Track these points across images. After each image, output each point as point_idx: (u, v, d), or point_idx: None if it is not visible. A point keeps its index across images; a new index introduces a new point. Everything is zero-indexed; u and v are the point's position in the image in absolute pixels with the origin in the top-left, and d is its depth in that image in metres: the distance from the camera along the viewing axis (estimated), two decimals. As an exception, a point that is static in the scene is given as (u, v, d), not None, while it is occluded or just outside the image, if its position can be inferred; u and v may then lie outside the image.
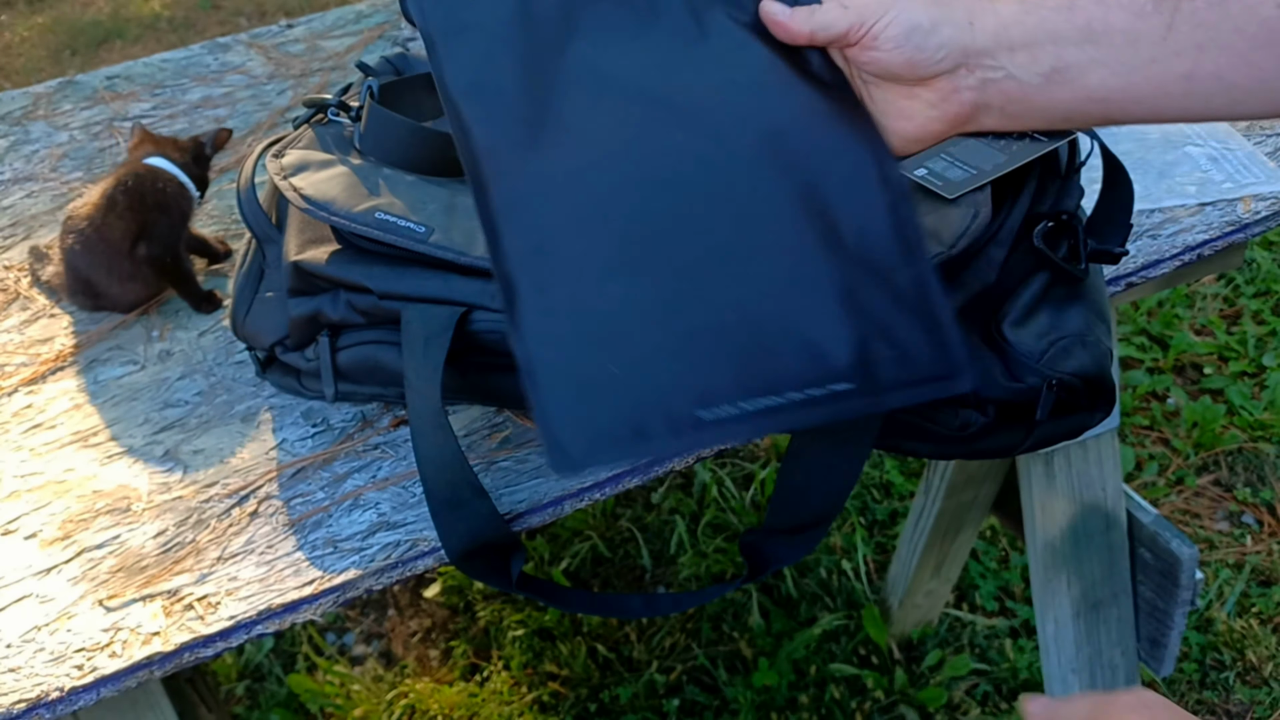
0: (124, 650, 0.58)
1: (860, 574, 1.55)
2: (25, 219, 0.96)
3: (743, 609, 1.52)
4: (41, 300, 0.85)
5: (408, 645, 1.53)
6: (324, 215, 0.65)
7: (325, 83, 1.14)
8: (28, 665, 0.57)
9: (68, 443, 0.72)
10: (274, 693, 1.46)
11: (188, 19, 3.65)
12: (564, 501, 0.65)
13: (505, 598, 1.56)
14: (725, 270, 0.53)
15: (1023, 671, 1.43)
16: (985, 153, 0.63)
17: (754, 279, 0.53)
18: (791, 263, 0.54)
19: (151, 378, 0.76)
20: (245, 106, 1.11)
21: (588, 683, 1.44)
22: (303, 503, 0.66)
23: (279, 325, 0.70)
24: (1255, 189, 0.86)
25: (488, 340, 0.64)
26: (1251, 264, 2.06)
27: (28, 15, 3.79)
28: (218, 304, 0.83)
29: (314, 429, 0.71)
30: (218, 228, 0.92)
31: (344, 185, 0.69)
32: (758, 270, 0.53)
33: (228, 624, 0.59)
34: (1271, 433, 1.72)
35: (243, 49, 1.23)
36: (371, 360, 0.67)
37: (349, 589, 0.61)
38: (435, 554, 0.62)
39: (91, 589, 0.61)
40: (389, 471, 0.67)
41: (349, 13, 1.30)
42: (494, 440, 0.69)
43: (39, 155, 1.06)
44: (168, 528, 0.65)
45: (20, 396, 0.76)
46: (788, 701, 1.40)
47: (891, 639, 1.47)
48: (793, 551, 0.66)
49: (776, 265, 0.54)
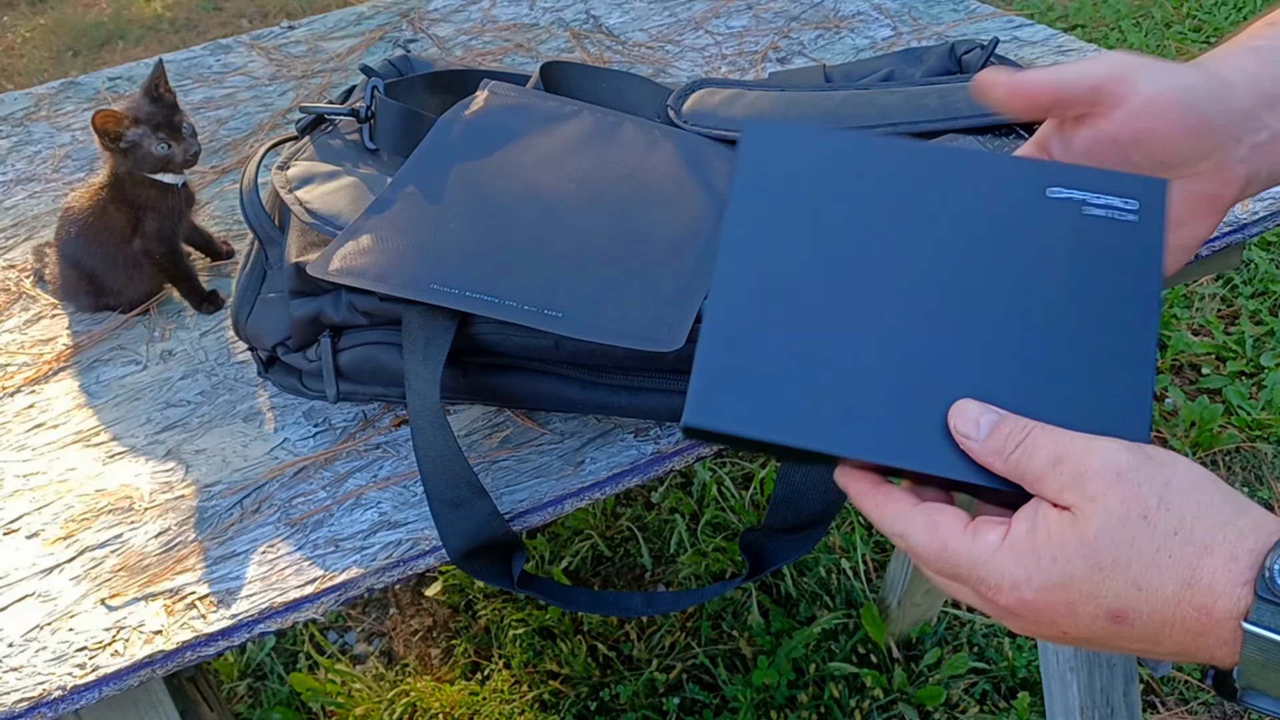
0: (126, 649, 0.58)
1: (859, 573, 1.55)
2: (28, 219, 0.96)
3: (742, 608, 1.52)
4: (44, 300, 0.86)
5: (409, 644, 1.54)
6: (330, 230, 0.66)
7: (327, 84, 1.14)
8: (30, 664, 0.58)
9: (70, 442, 0.72)
10: (276, 691, 1.47)
11: (189, 20, 3.65)
12: (564, 500, 0.65)
13: (506, 596, 1.56)
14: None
15: (1021, 670, 1.43)
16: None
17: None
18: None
19: (153, 377, 0.77)
20: (247, 107, 1.11)
21: (588, 681, 1.45)
22: (304, 502, 0.66)
23: (281, 326, 0.70)
24: (1252, 189, 0.86)
25: (488, 341, 0.65)
26: (1249, 264, 2.06)
27: (30, 17, 3.79)
28: (220, 304, 0.83)
29: (315, 429, 0.71)
30: (220, 228, 0.92)
31: (351, 197, 0.69)
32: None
33: (229, 623, 0.59)
34: (1269, 432, 1.73)
35: (244, 50, 1.24)
36: (373, 361, 0.68)
37: (350, 588, 0.61)
38: (436, 553, 0.63)
39: (94, 588, 0.62)
40: (390, 471, 0.68)
41: (350, 14, 1.30)
42: (494, 440, 0.70)
43: (41, 156, 1.06)
44: (170, 527, 0.65)
45: (23, 396, 0.76)
46: (787, 700, 1.41)
47: (890, 637, 1.47)
48: (792, 550, 0.66)
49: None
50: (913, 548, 0.44)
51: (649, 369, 0.65)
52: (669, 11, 1.25)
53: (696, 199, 0.70)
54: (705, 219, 0.68)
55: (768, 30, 1.18)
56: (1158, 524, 0.39)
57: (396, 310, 0.65)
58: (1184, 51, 2.87)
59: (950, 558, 0.43)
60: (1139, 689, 1.00)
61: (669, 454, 0.67)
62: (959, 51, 0.82)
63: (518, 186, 0.69)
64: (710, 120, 0.78)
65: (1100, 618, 0.40)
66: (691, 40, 1.17)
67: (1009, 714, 1.39)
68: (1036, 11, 3.12)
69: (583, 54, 1.17)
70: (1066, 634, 0.41)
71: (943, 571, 0.44)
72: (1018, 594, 0.41)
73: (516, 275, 0.63)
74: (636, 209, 0.68)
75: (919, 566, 0.48)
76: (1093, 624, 0.40)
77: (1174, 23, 3.02)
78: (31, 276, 0.88)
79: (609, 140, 0.74)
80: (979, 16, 1.18)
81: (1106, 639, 0.41)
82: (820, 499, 0.64)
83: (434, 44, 1.22)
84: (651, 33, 1.20)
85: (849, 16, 1.20)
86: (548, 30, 1.23)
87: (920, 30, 1.15)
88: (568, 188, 0.69)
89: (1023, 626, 0.42)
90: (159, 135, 0.78)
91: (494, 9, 1.29)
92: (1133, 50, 2.85)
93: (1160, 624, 0.39)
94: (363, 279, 0.62)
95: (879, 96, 0.76)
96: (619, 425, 0.69)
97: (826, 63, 0.93)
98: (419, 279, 0.62)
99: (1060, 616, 0.41)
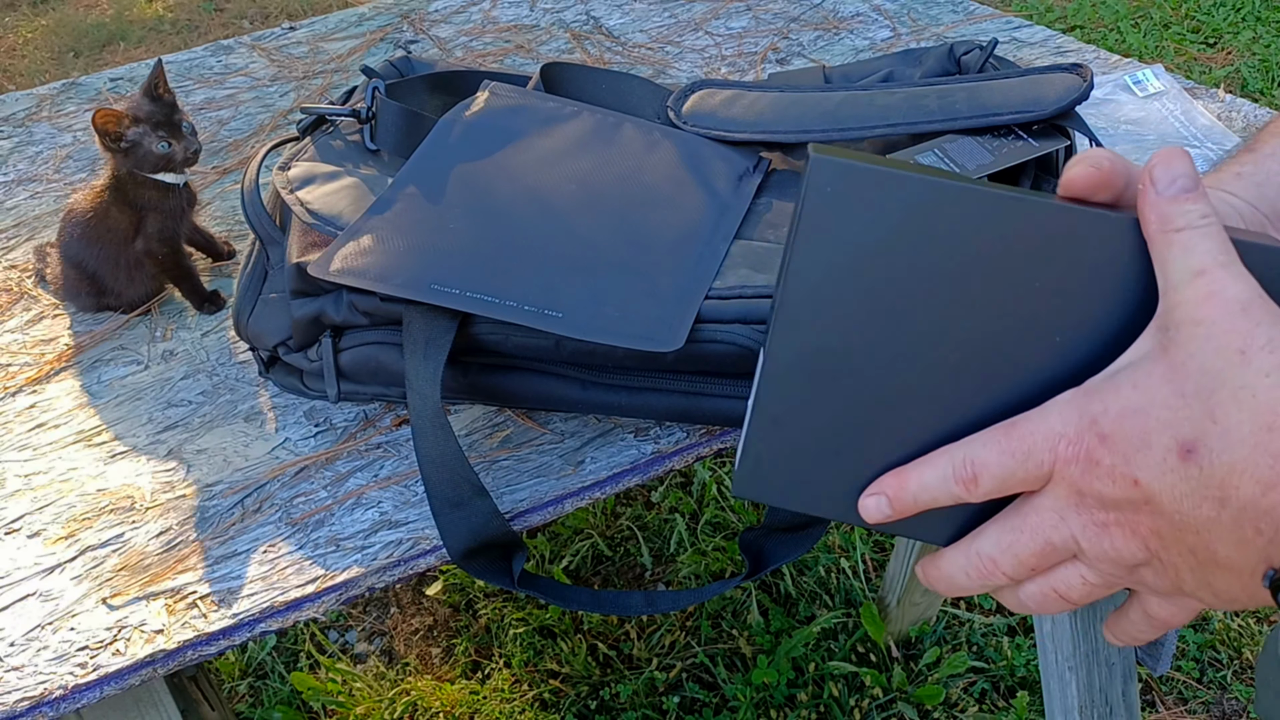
0: (127, 648, 0.58)
1: (859, 572, 1.55)
2: (29, 219, 0.96)
3: (742, 607, 1.52)
4: (45, 300, 0.86)
5: (409, 643, 1.54)
6: (331, 230, 0.66)
7: (328, 85, 1.15)
8: (31, 663, 0.58)
9: (71, 442, 0.72)
10: (276, 690, 1.47)
11: (190, 21, 3.65)
12: (564, 500, 0.66)
13: (506, 596, 1.56)
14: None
15: (1020, 669, 1.43)
16: (975, 151, 0.64)
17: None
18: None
19: (155, 377, 0.77)
20: (248, 108, 1.12)
21: (588, 680, 1.45)
22: (305, 502, 0.66)
23: (282, 326, 0.70)
24: (1251, 190, 0.86)
25: (489, 341, 0.65)
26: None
27: (31, 17, 3.79)
28: (221, 304, 0.83)
29: (316, 428, 0.71)
30: (221, 228, 0.92)
31: (352, 198, 0.70)
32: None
33: (230, 622, 0.59)
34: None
35: (245, 51, 1.24)
36: (374, 361, 0.68)
37: (351, 587, 0.61)
38: (437, 552, 0.63)
39: (95, 587, 0.62)
40: (391, 470, 0.68)
41: (351, 15, 1.30)
42: (495, 439, 0.70)
43: (43, 156, 1.06)
44: (171, 526, 0.65)
45: (24, 396, 0.76)
46: (786, 699, 1.41)
47: (889, 637, 1.47)
48: (792, 549, 0.66)
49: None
50: (984, 460, 0.42)
51: (649, 369, 0.65)
52: (669, 13, 1.25)
53: (696, 199, 0.70)
54: (705, 219, 0.69)
55: (767, 31, 1.18)
56: (1253, 362, 0.36)
57: (397, 310, 0.65)
58: (1182, 52, 2.88)
59: (1021, 427, 0.41)
60: (1138, 688, 1.00)
61: (669, 454, 0.68)
62: (958, 53, 0.82)
63: (518, 187, 0.69)
64: (710, 121, 0.78)
65: (1172, 451, 0.38)
66: (691, 41, 1.18)
67: (1008, 713, 1.39)
68: (1035, 13, 3.12)
69: (583, 55, 1.17)
70: (1138, 482, 0.39)
71: (1018, 455, 0.41)
72: (1096, 429, 0.39)
73: (517, 275, 0.63)
74: (636, 209, 0.69)
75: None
76: (1164, 460, 0.38)
77: (1172, 23, 3.02)
78: (33, 277, 0.88)
79: (609, 141, 0.74)
80: (978, 18, 1.18)
81: (1174, 492, 0.38)
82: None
83: (435, 45, 1.22)
84: (651, 34, 1.20)
85: (848, 18, 1.20)
86: (548, 31, 1.23)
87: (919, 31, 1.16)
88: (568, 188, 0.70)
89: (1093, 484, 0.40)
90: (159, 134, 0.79)
91: (494, 10, 1.29)
92: (1131, 51, 2.85)
93: (1230, 467, 0.36)
94: (363, 279, 0.62)
95: (878, 97, 0.76)
96: (619, 425, 0.70)
97: (826, 64, 0.93)
98: (419, 279, 0.62)
99: (1135, 451, 0.38)
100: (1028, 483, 0.42)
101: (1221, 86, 2.59)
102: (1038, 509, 0.42)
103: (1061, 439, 0.40)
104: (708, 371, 0.64)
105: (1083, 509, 0.41)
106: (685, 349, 0.61)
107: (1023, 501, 0.43)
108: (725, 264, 0.65)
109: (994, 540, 0.44)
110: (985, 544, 0.44)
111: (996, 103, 0.70)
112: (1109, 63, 1.08)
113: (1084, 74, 0.70)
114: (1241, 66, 2.78)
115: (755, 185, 0.73)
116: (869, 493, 0.45)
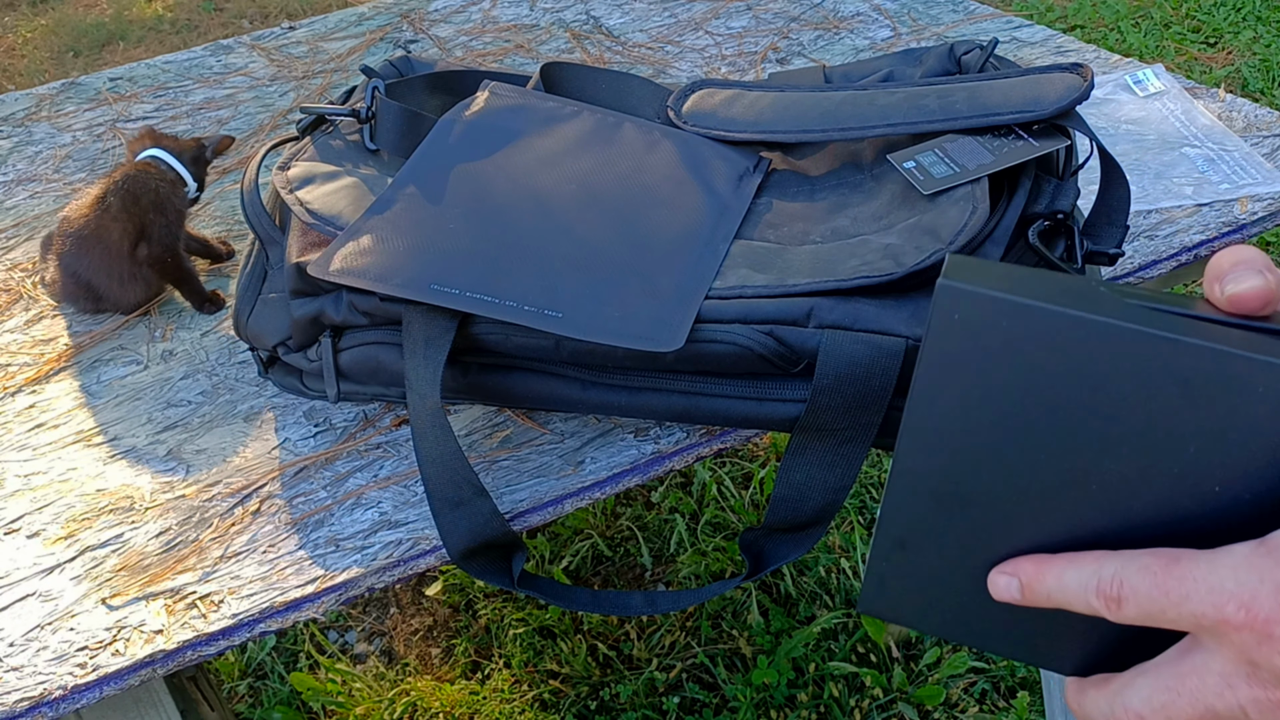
0: (127, 648, 0.58)
1: (859, 572, 1.55)
2: (29, 219, 0.96)
3: (742, 607, 1.52)
4: (45, 300, 0.86)
5: (409, 643, 1.54)
6: (331, 230, 0.66)
7: (327, 84, 1.15)
8: (30, 664, 0.58)
9: (71, 442, 0.72)
10: (276, 690, 1.47)
11: (190, 21, 3.65)
12: (564, 500, 0.66)
13: (506, 596, 1.56)
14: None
15: (1020, 669, 1.43)
16: (975, 151, 0.64)
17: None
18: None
19: (154, 377, 0.77)
20: (248, 108, 1.12)
21: (588, 680, 1.45)
22: (305, 502, 0.66)
23: (282, 326, 0.70)
24: (1252, 190, 0.86)
25: (488, 341, 0.65)
26: (1251, 264, 2.06)
27: (31, 17, 3.79)
28: (220, 304, 0.83)
29: (316, 428, 0.71)
30: (221, 229, 0.92)
31: (352, 198, 0.69)
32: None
33: (230, 622, 0.59)
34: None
35: (245, 51, 1.24)
36: (373, 361, 0.68)
37: (351, 587, 0.61)
38: (436, 552, 0.63)
39: (94, 588, 0.62)
40: (390, 470, 0.68)
41: (351, 15, 1.30)
42: (494, 440, 0.70)
43: (42, 156, 1.06)
44: (170, 526, 0.65)
45: (24, 396, 0.76)
46: (787, 699, 1.41)
47: (890, 637, 1.47)
48: (792, 550, 0.66)
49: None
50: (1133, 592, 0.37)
51: (649, 369, 0.65)
52: (669, 12, 1.25)
53: (696, 199, 0.70)
54: (705, 219, 0.68)
55: (767, 31, 1.18)
56: None
57: (397, 310, 0.65)
58: (1183, 52, 2.88)
59: (1177, 584, 0.36)
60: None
61: (669, 454, 0.68)
62: (958, 52, 0.82)
63: (518, 187, 0.69)
64: (710, 121, 0.78)
65: None
66: (691, 41, 1.18)
67: (1008, 713, 1.39)
68: (1035, 12, 3.12)
69: (583, 55, 1.17)
70: None
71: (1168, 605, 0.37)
72: (1257, 605, 0.35)
73: (517, 275, 0.63)
74: (636, 209, 0.69)
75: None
76: None
77: (1173, 23, 3.02)
78: (36, 276, 0.88)
79: (609, 141, 0.74)
80: (978, 17, 1.18)
81: None
82: (820, 498, 0.64)
83: (434, 45, 1.22)
84: (651, 33, 1.20)
85: (848, 17, 1.20)
86: (548, 31, 1.23)
87: (919, 31, 1.16)
88: (568, 188, 0.70)
89: (1271, 659, 0.35)
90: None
91: (494, 10, 1.29)
92: (1132, 50, 2.85)
93: None
94: (363, 279, 0.62)
95: (878, 97, 0.76)
96: (619, 425, 0.70)
97: (826, 63, 0.93)
98: (419, 279, 0.62)
99: None
100: (1175, 625, 0.38)
101: (1222, 86, 2.60)
102: (1200, 671, 0.37)
103: (1232, 600, 0.36)
104: (708, 372, 0.64)
105: (1255, 681, 0.36)
106: (685, 349, 0.61)
107: (1180, 659, 0.38)
108: (725, 264, 0.65)
109: (1145, 697, 0.39)
110: (1134, 699, 0.39)
111: (997, 102, 0.70)
112: (1109, 62, 1.08)
113: (1084, 74, 0.70)
114: (1242, 66, 2.78)
115: (755, 185, 0.73)
116: (1002, 570, 0.42)
